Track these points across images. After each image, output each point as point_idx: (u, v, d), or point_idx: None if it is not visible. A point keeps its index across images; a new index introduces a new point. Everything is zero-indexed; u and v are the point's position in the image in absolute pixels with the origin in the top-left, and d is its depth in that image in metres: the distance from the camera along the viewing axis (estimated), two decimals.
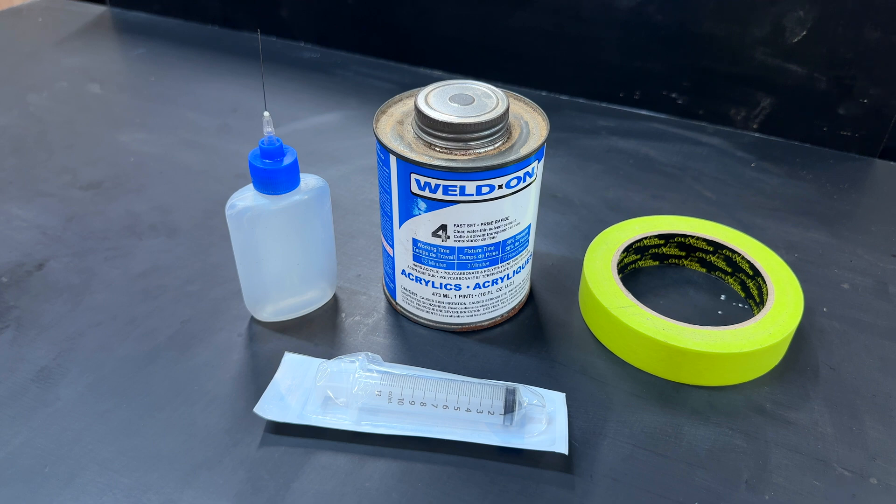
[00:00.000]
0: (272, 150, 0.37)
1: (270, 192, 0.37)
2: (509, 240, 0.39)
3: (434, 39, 0.75)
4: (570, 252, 0.49)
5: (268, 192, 0.37)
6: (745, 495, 0.33)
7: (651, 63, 0.67)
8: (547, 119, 0.39)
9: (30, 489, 0.32)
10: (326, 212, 0.41)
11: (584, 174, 0.59)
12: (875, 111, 0.61)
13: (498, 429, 0.35)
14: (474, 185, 0.35)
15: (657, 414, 0.37)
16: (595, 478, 0.34)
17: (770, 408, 0.38)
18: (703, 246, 0.46)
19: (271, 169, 0.37)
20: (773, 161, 0.62)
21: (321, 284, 0.43)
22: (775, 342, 0.38)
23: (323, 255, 0.42)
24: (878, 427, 0.37)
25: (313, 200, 0.39)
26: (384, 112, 0.39)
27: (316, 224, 0.40)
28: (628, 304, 0.40)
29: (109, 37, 0.86)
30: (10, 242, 0.49)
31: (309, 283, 0.42)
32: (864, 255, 0.50)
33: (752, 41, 0.62)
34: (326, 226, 0.41)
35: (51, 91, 0.71)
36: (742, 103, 0.65)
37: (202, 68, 0.77)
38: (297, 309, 0.43)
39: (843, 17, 0.58)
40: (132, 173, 0.58)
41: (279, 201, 0.38)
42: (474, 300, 0.41)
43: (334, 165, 0.59)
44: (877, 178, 0.60)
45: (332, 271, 0.44)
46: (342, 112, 0.68)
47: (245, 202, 0.38)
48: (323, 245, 0.42)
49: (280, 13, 0.82)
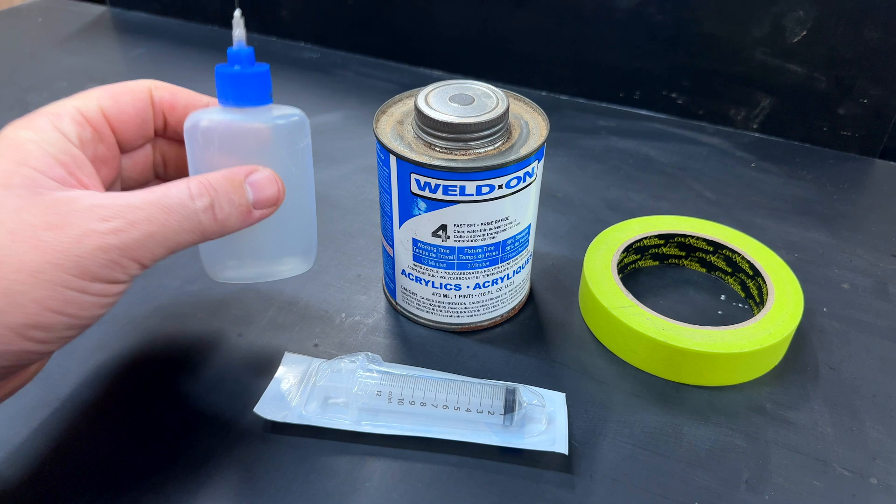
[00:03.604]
0: (242, 55, 0.31)
1: (235, 102, 0.31)
2: (509, 240, 0.39)
3: (434, 39, 0.75)
4: (570, 252, 0.49)
5: (231, 101, 0.31)
6: (745, 495, 0.33)
7: (651, 63, 0.67)
8: (547, 119, 0.39)
9: (30, 489, 0.32)
10: (301, 153, 0.33)
11: (584, 174, 0.59)
12: (875, 111, 0.61)
13: (498, 429, 0.35)
14: (474, 185, 0.35)
15: (657, 414, 0.37)
16: (595, 478, 0.34)
17: (770, 408, 0.38)
18: (703, 246, 0.46)
19: (238, 74, 0.31)
20: (773, 161, 0.62)
21: (291, 254, 0.36)
22: (775, 342, 0.38)
23: (294, 212, 0.34)
24: (878, 427, 0.37)
25: (286, 130, 0.32)
26: (384, 112, 0.39)
27: (288, 164, 0.33)
28: (628, 304, 0.40)
29: (109, 37, 0.86)
30: None
31: (276, 248, 0.35)
32: (865, 255, 0.50)
33: (752, 41, 0.62)
34: (302, 173, 0.34)
35: (51, 91, 0.71)
36: (742, 103, 0.65)
37: (202, 68, 0.77)
38: (264, 276, 0.36)
39: (843, 17, 0.58)
40: None
41: (247, 119, 0.32)
42: (474, 300, 0.41)
43: (334, 165, 0.59)
44: (877, 178, 0.60)
45: (308, 239, 0.36)
46: (342, 112, 0.68)
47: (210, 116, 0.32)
48: (296, 199, 0.34)
49: (280, 13, 0.82)
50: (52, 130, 0.29)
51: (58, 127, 0.29)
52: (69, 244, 0.26)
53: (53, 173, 0.27)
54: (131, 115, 0.32)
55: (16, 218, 0.26)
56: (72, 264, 0.25)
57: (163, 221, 0.27)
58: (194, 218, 0.28)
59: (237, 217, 0.30)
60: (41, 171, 0.27)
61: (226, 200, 0.29)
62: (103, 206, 0.27)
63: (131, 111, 0.32)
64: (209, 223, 0.29)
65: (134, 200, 0.27)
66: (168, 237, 0.28)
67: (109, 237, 0.26)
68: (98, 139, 0.31)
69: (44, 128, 0.29)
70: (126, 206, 0.27)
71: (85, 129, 0.30)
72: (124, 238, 0.26)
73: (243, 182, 0.30)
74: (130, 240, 0.26)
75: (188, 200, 0.28)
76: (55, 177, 0.27)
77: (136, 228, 0.27)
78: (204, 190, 0.29)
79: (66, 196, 0.27)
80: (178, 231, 0.28)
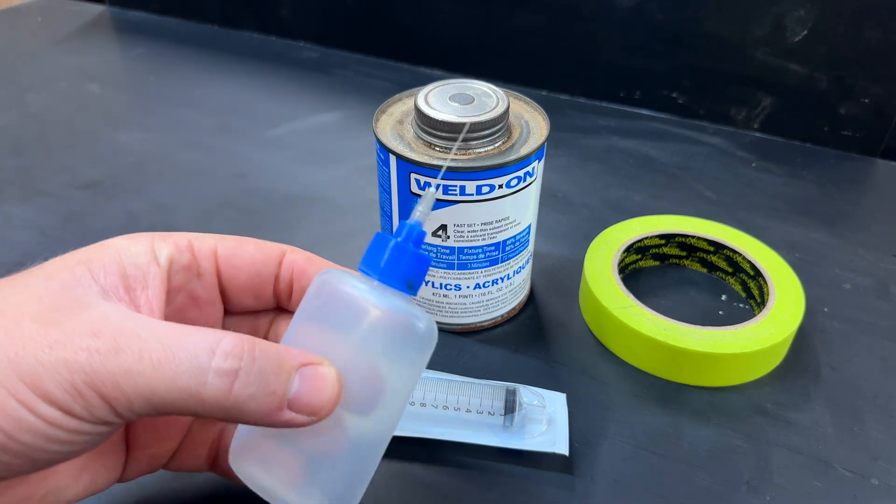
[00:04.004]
0: (415, 233, 0.25)
1: (377, 274, 0.24)
2: (509, 240, 0.39)
3: (434, 39, 0.75)
4: (570, 252, 0.49)
5: (374, 271, 0.24)
6: (745, 496, 0.33)
7: (651, 63, 0.67)
8: (547, 118, 0.38)
9: None
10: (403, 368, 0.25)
11: (585, 174, 0.59)
12: (876, 111, 0.61)
13: (498, 429, 0.35)
14: (474, 185, 0.35)
15: (658, 414, 0.37)
16: (596, 479, 0.34)
17: (771, 408, 0.37)
18: (703, 246, 0.46)
19: (400, 247, 0.25)
20: (773, 161, 0.62)
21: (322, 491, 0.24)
22: (776, 342, 0.38)
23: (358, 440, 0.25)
24: (879, 428, 0.37)
25: (401, 329, 0.24)
26: (384, 112, 0.39)
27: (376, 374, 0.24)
28: (629, 304, 0.40)
29: (109, 36, 0.85)
30: (10, 242, 0.49)
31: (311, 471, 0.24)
32: (866, 255, 0.50)
33: (753, 41, 0.62)
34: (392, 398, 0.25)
35: (50, 91, 0.71)
36: (743, 103, 0.65)
37: (202, 68, 0.77)
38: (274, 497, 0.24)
39: (843, 17, 0.58)
40: (132, 173, 0.58)
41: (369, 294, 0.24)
42: (474, 300, 0.40)
43: (334, 165, 0.59)
44: (878, 178, 0.60)
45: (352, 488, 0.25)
46: (342, 112, 0.68)
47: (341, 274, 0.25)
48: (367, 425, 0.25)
49: (280, 13, 0.81)
50: (143, 244, 0.25)
51: (153, 244, 0.25)
52: (38, 344, 0.20)
53: (107, 281, 0.23)
54: (246, 263, 0.27)
55: (15, 301, 0.22)
56: (28, 368, 0.20)
57: (155, 363, 0.21)
58: (200, 377, 0.21)
59: (260, 405, 0.22)
60: (93, 274, 0.23)
61: (257, 376, 0.21)
62: (109, 320, 0.21)
63: (247, 259, 0.27)
64: (217, 393, 0.21)
65: (144, 326, 0.21)
66: (153, 386, 0.20)
67: (81, 354, 0.20)
68: (196, 273, 0.26)
69: (139, 240, 0.25)
70: (127, 329, 0.21)
71: (183, 255, 0.26)
72: (97, 363, 0.20)
73: (295, 368, 0.22)
74: (104, 369, 0.20)
75: (205, 352, 0.21)
76: (106, 284, 0.23)
77: (118, 359, 0.20)
78: (238, 350, 0.21)
79: (88, 300, 0.22)
80: (169, 384, 0.21)
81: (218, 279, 0.27)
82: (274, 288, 0.28)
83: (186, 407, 0.21)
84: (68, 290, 0.22)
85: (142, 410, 0.21)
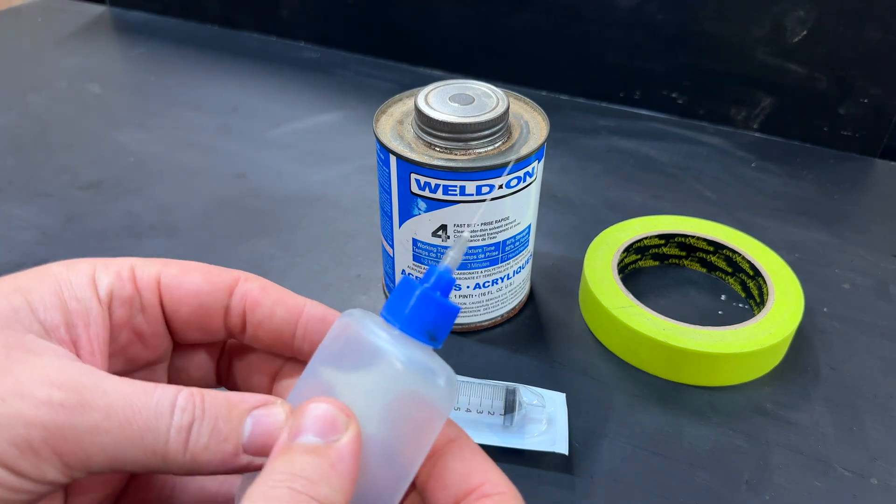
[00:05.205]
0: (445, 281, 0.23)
1: (400, 323, 0.23)
2: (509, 240, 0.39)
3: (434, 39, 0.75)
4: (570, 252, 0.49)
5: (396, 319, 0.23)
6: (745, 496, 0.33)
7: (651, 63, 0.67)
8: (547, 119, 0.38)
9: None
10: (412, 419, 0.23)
11: (585, 174, 0.59)
12: (876, 111, 0.61)
13: (498, 429, 0.35)
14: (474, 185, 0.35)
15: (657, 414, 0.37)
16: (595, 478, 0.34)
17: (771, 408, 0.37)
18: (703, 246, 0.46)
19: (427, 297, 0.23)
20: (773, 161, 0.62)
21: None
22: (776, 342, 0.38)
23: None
24: (878, 427, 0.37)
25: (412, 379, 0.23)
26: (384, 112, 0.39)
27: (382, 422, 0.23)
28: (629, 304, 0.40)
29: (109, 36, 0.85)
30: (10, 242, 0.49)
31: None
32: (865, 255, 0.50)
33: (753, 41, 0.62)
34: (396, 448, 0.23)
35: (50, 91, 0.71)
36: (742, 103, 0.65)
37: (202, 68, 0.77)
38: None
39: (843, 17, 0.58)
40: (132, 173, 0.58)
41: (387, 342, 0.23)
42: (474, 300, 0.40)
43: (334, 165, 0.59)
44: (877, 178, 0.60)
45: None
46: (342, 112, 0.68)
47: (367, 319, 0.23)
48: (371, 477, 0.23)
49: (280, 13, 0.82)
50: (83, 274, 0.23)
51: (94, 273, 0.24)
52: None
53: (47, 317, 0.22)
54: (188, 294, 0.25)
55: None
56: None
57: (122, 421, 0.20)
58: (159, 435, 0.20)
59: (215, 455, 0.21)
60: (33, 307, 0.22)
61: (208, 428, 0.21)
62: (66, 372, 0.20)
63: (191, 289, 0.25)
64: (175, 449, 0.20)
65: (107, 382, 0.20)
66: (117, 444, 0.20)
67: (42, 409, 0.19)
68: (139, 307, 0.25)
69: (79, 269, 0.24)
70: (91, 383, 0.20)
71: (125, 287, 0.24)
72: (62, 418, 0.19)
73: (246, 412, 0.22)
74: (67, 424, 0.19)
75: (167, 410, 0.20)
76: (47, 320, 0.22)
77: (86, 415, 0.19)
78: (190, 405, 0.21)
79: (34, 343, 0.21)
80: (135, 443, 0.20)
81: (162, 311, 0.25)
82: (225, 320, 0.26)
83: (150, 465, 0.20)
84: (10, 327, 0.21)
85: (98, 469, 0.20)
